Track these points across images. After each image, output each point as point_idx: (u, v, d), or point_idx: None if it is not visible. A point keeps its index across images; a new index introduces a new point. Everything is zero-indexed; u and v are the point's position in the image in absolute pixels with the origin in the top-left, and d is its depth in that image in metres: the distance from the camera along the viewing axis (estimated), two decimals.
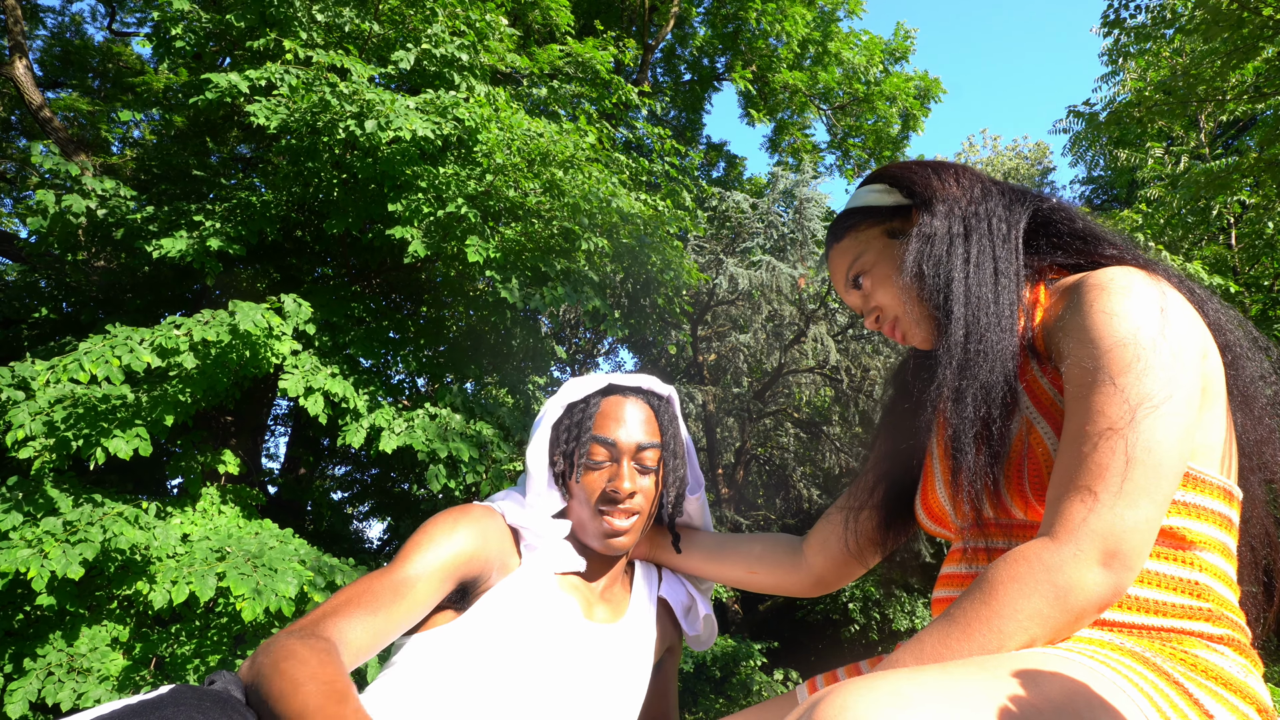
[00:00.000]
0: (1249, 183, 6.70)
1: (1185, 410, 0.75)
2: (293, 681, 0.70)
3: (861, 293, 1.03)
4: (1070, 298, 0.83)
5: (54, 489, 4.04)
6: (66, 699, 3.68)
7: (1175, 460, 0.74)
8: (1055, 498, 0.76)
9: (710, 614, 1.22)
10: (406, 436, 4.57)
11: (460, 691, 0.93)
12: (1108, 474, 0.72)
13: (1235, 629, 0.78)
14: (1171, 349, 0.75)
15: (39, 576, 3.42)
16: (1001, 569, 0.74)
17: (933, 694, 0.60)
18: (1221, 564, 0.80)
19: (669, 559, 1.22)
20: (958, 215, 0.93)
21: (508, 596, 1.01)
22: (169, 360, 3.89)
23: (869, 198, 1.03)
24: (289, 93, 4.47)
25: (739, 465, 11.13)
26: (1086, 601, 0.72)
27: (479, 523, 1.02)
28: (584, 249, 5.21)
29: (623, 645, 1.08)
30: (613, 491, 1.05)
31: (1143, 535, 0.72)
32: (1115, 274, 0.81)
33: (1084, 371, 0.77)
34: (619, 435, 1.07)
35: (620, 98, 7.23)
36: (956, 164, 1.02)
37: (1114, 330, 0.76)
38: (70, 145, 6.54)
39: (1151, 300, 0.78)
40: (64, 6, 16.98)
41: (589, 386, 1.12)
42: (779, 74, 10.55)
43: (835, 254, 1.05)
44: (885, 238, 1.00)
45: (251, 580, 3.72)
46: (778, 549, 1.19)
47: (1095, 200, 15.93)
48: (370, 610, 0.88)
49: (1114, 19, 6.90)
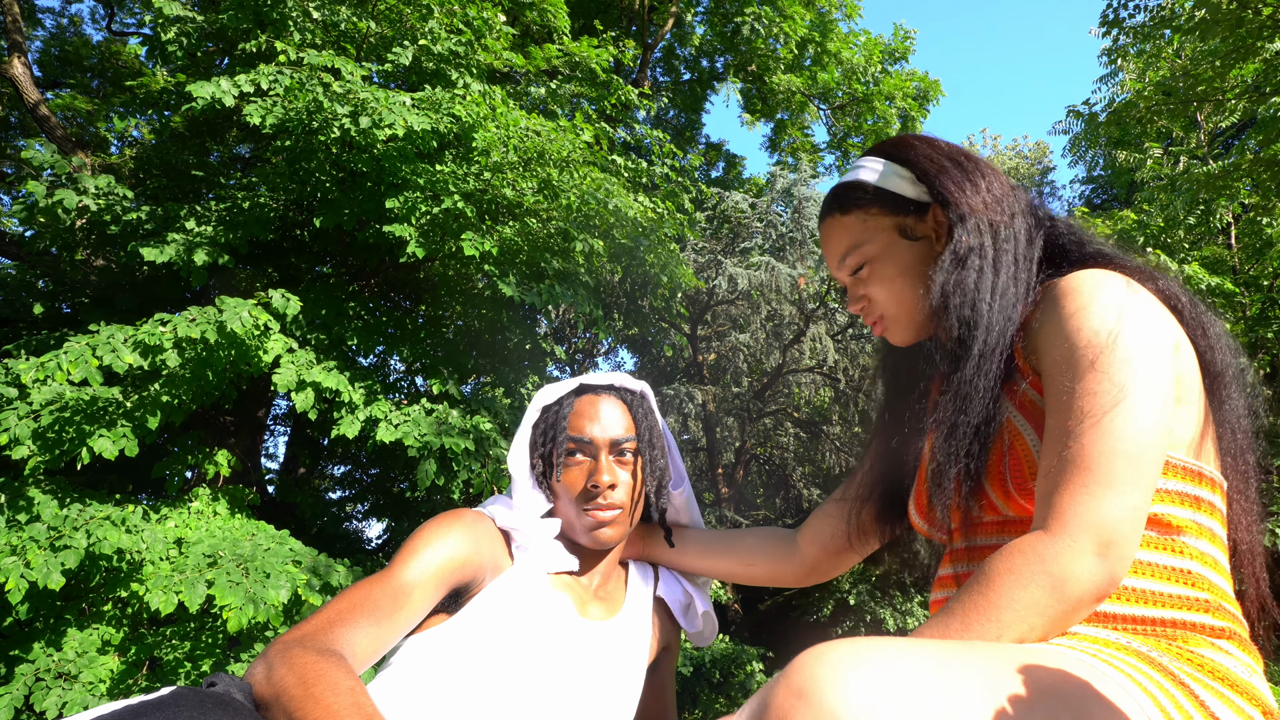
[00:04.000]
0: (1248, 183, 6.70)
1: (1160, 399, 0.76)
2: (330, 712, 0.69)
3: (856, 278, 1.00)
4: (1045, 301, 0.84)
5: (41, 492, 4.02)
6: (52, 707, 3.67)
7: (1155, 447, 0.75)
8: (1045, 493, 0.77)
9: (710, 611, 1.22)
10: (402, 430, 4.55)
11: (456, 691, 0.93)
12: (1093, 465, 0.74)
13: (1234, 621, 0.78)
14: (1142, 341, 0.77)
15: (16, 590, 3.39)
16: (998, 561, 0.75)
17: (914, 663, 0.60)
18: (1211, 550, 0.80)
19: (663, 555, 1.22)
20: (988, 238, 0.90)
21: (501, 595, 1.01)
22: (152, 359, 3.85)
23: (890, 180, 0.96)
24: (283, 93, 4.46)
25: (739, 465, 11.14)
26: (1083, 591, 0.72)
27: (471, 527, 1.03)
28: (579, 250, 5.21)
29: (617, 642, 1.08)
30: (592, 487, 1.07)
31: (1133, 523, 0.73)
32: (1086, 275, 0.83)
33: (1061, 368, 0.79)
34: (593, 432, 1.10)
35: (619, 98, 7.23)
36: (978, 159, 0.98)
37: (1085, 326, 0.79)
38: (68, 144, 6.54)
39: (1120, 296, 0.80)
40: (63, 7, 16.96)
41: (562, 389, 1.15)
42: (777, 75, 10.55)
43: (836, 227, 1.00)
44: (895, 233, 0.96)
45: (241, 588, 3.69)
46: (772, 541, 1.21)
47: (1095, 200, 15.95)
48: (373, 619, 0.88)
49: (1113, 19, 6.90)
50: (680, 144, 11.65)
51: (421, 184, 4.78)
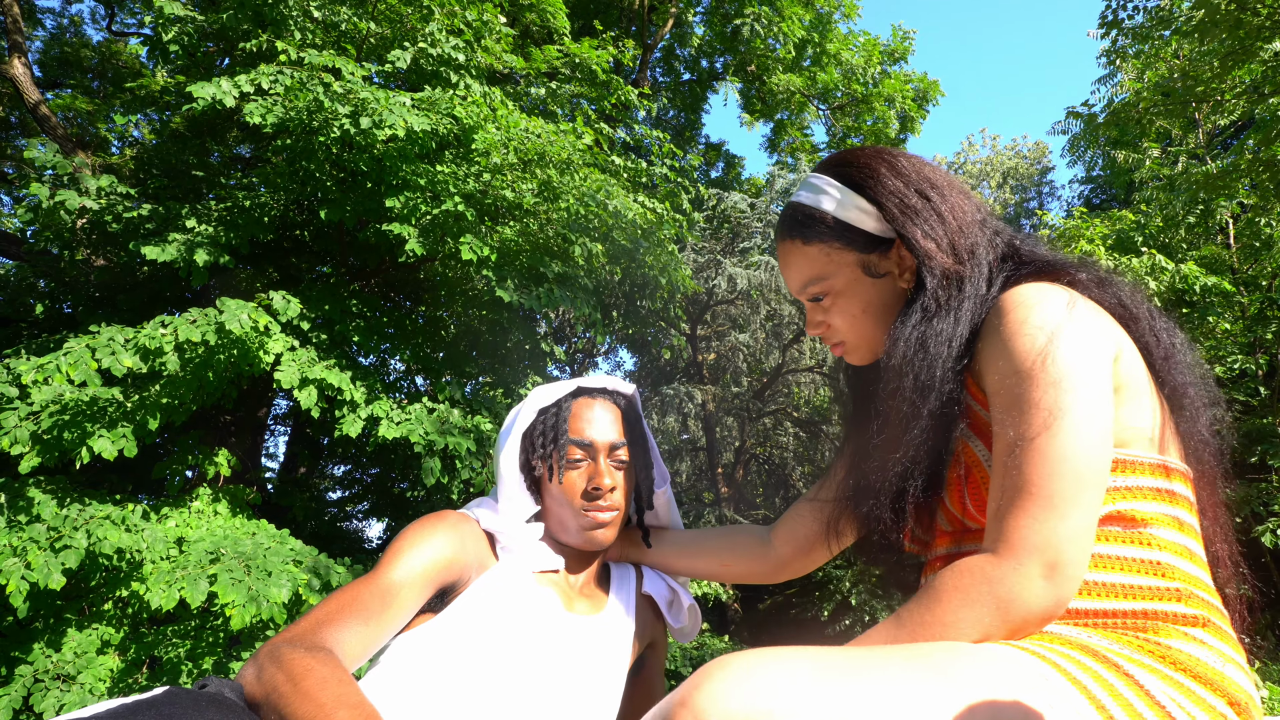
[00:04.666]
0: (1247, 183, 6.70)
1: (1095, 416, 0.77)
2: (319, 705, 0.70)
3: (817, 306, 1.00)
4: (987, 321, 0.86)
5: (41, 492, 4.02)
6: (50, 708, 3.67)
7: (1095, 466, 0.77)
8: (992, 513, 0.79)
9: (694, 604, 1.24)
10: (405, 428, 4.55)
11: (444, 686, 0.94)
12: (1034, 489, 0.75)
13: (1209, 608, 0.79)
14: (1073, 359, 0.78)
15: (17, 592, 3.39)
16: (948, 578, 0.77)
17: (799, 670, 0.63)
18: (1179, 539, 0.81)
19: (643, 556, 1.24)
20: (953, 289, 0.89)
21: (487, 592, 1.03)
22: (153, 362, 3.86)
23: (851, 213, 0.94)
24: (283, 93, 4.46)
25: (738, 464, 11.14)
26: (1028, 613, 0.74)
27: (456, 528, 1.04)
28: (579, 253, 5.22)
29: (603, 636, 1.09)
30: (594, 489, 1.09)
31: (1079, 544, 0.75)
32: (1023, 294, 0.83)
33: (999, 391, 0.81)
34: (594, 435, 1.11)
35: (619, 98, 7.23)
36: (942, 184, 0.95)
37: (1018, 349, 0.80)
38: (69, 144, 6.54)
39: (1052, 314, 0.80)
40: (63, 7, 16.98)
41: (558, 391, 1.15)
42: (776, 75, 10.56)
43: (796, 254, 0.98)
44: (859, 269, 0.95)
45: (243, 586, 3.69)
46: (746, 540, 1.23)
47: (1094, 200, 15.95)
48: (361, 620, 0.89)
49: (1112, 19, 6.90)
50: (680, 144, 11.66)
51: (422, 184, 4.79)
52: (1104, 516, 0.80)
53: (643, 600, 1.21)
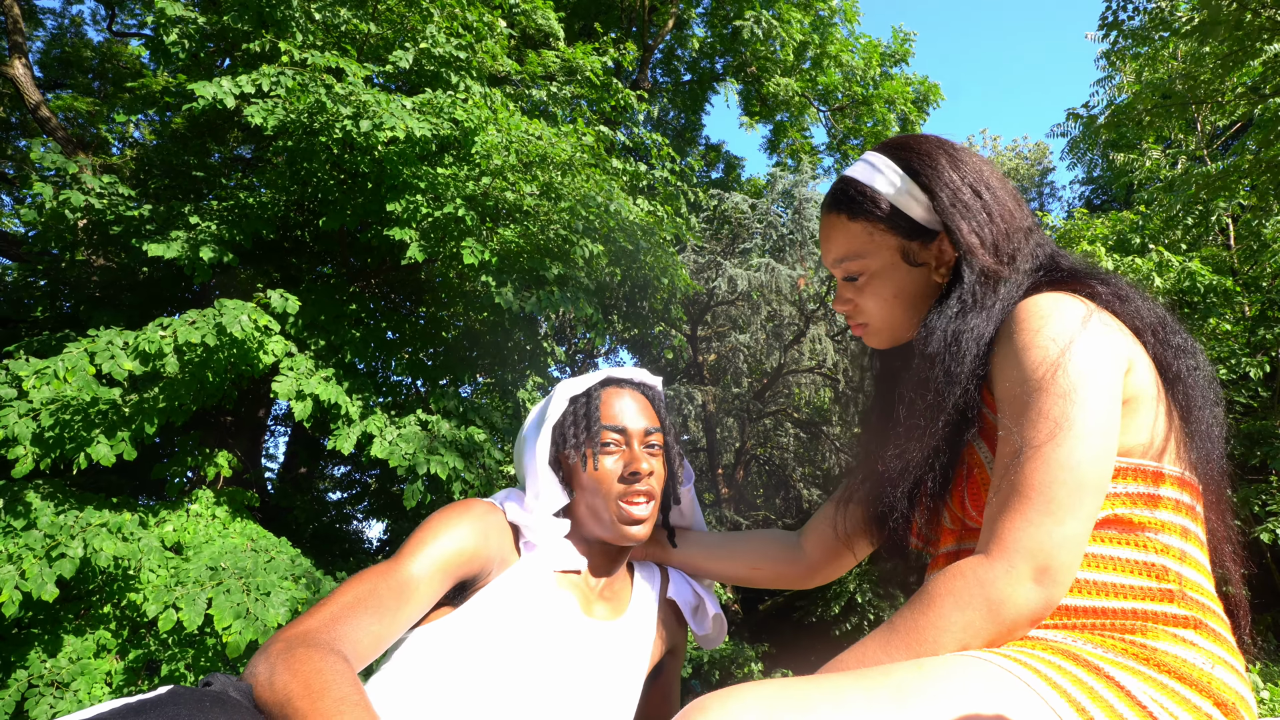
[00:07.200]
0: (1247, 184, 6.70)
1: (1101, 428, 0.78)
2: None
3: (850, 284, 1.00)
4: (1004, 328, 0.86)
5: (37, 497, 3.99)
6: (44, 714, 3.65)
7: (1096, 477, 0.78)
8: (989, 516, 0.80)
9: (720, 613, 1.22)
10: (392, 447, 4.56)
11: (458, 686, 0.93)
12: (1034, 493, 0.77)
13: (1203, 610, 0.79)
14: (1084, 372, 0.79)
15: (10, 601, 3.38)
16: (940, 582, 0.79)
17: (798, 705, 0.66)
18: (1180, 544, 0.81)
19: (669, 556, 1.22)
20: (991, 291, 0.90)
21: (506, 591, 1.01)
22: (152, 365, 3.84)
23: (904, 200, 0.94)
24: (285, 94, 4.45)
25: (739, 465, 11.13)
26: (1018, 615, 0.76)
27: (482, 519, 1.02)
28: (579, 256, 5.21)
29: (621, 643, 1.07)
30: (632, 473, 1.06)
31: (1071, 551, 0.76)
32: (1039, 301, 0.84)
33: (1009, 399, 0.82)
34: (627, 421, 1.10)
35: (619, 101, 7.23)
36: (995, 186, 0.95)
37: (1030, 359, 0.81)
38: (70, 145, 6.54)
39: (1066, 326, 0.81)
40: (64, 8, 16.97)
41: (587, 381, 1.14)
42: (776, 77, 10.56)
43: (839, 228, 0.98)
44: (898, 254, 0.96)
45: (241, 608, 3.68)
46: (776, 544, 1.22)
47: (1095, 201, 15.95)
48: (376, 615, 0.87)
49: (1111, 21, 6.91)
50: (680, 145, 11.66)
51: (423, 187, 4.78)
52: (1104, 520, 0.81)
53: (666, 605, 1.19)
